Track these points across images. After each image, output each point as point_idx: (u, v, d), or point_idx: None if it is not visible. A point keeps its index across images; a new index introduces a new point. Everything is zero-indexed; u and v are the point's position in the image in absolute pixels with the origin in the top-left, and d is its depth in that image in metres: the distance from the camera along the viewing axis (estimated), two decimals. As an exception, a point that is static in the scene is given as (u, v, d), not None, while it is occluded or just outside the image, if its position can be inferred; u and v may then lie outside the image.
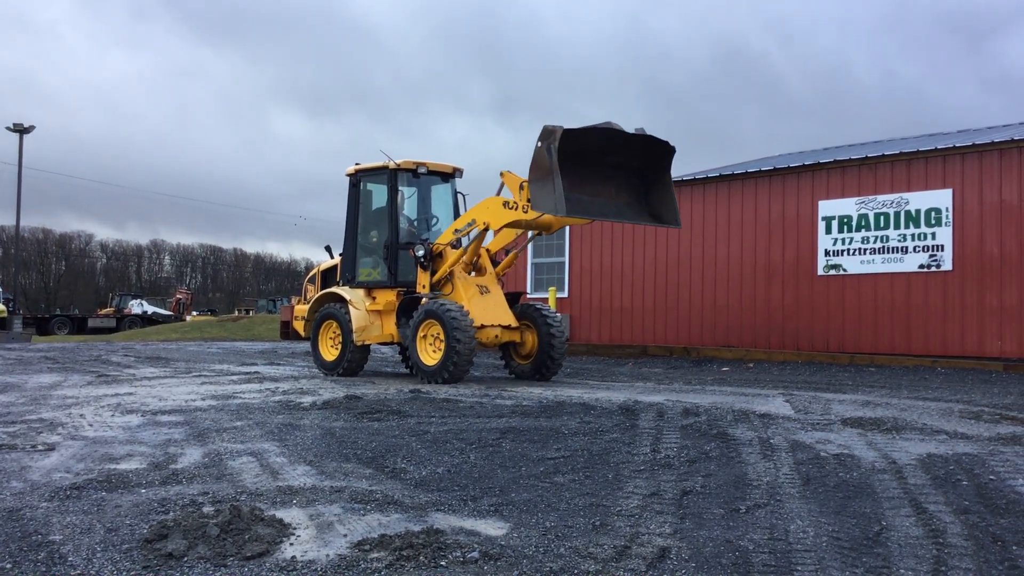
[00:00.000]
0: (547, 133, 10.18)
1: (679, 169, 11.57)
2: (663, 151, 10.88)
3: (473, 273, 12.46)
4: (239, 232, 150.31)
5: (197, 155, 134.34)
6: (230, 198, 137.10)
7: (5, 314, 38.44)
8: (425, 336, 11.65)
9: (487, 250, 12.65)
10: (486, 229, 11.73)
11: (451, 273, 12.12)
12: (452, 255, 12.16)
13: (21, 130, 40.81)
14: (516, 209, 11.06)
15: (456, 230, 12.14)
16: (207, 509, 4.48)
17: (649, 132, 10.75)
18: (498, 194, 11.60)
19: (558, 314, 12.59)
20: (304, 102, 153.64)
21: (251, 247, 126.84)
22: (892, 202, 15.52)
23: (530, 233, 12.61)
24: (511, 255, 12.76)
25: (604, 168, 10.82)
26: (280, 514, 4.41)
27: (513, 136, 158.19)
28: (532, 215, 10.87)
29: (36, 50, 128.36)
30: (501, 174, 11.44)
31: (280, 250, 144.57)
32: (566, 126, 10.14)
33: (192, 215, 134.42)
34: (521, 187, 10.93)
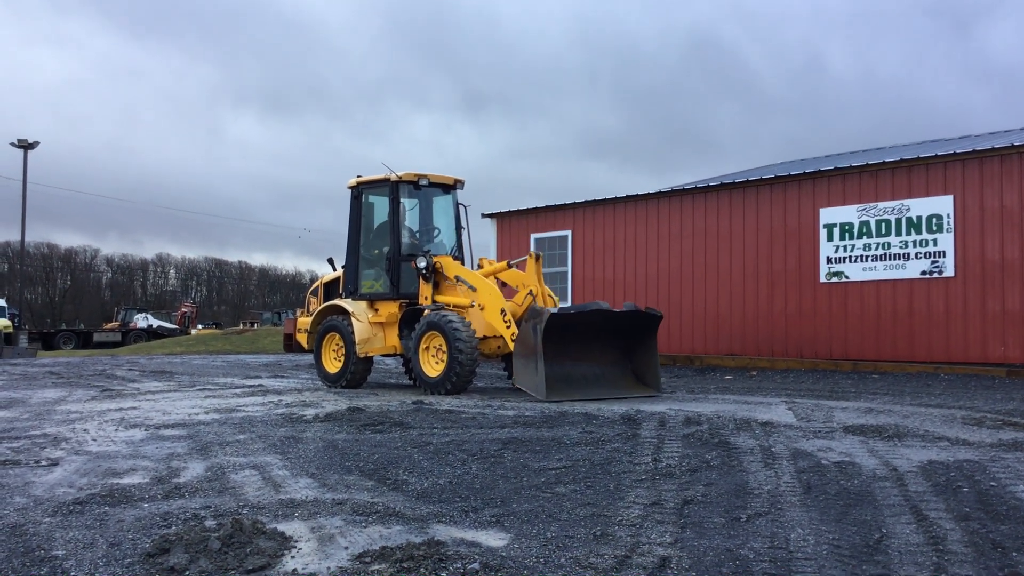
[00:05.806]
0: (535, 313, 10.52)
1: (664, 177, 11.91)
2: (650, 319, 11.06)
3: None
4: (223, 243, 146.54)
5: (151, 159, 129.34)
6: (200, 206, 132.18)
7: (10, 329, 38.58)
8: (428, 347, 11.67)
9: (488, 261, 12.70)
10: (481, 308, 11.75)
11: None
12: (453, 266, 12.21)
13: (25, 146, 41.00)
14: (508, 328, 11.19)
15: (458, 277, 12.15)
16: (209, 523, 4.50)
17: (638, 307, 11.15)
18: (532, 257, 11.71)
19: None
20: (256, 104, 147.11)
21: (234, 257, 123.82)
22: (893, 209, 15.54)
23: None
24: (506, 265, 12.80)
25: (589, 338, 11.11)
26: (282, 527, 4.43)
27: (484, 133, 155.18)
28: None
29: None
30: (530, 255, 11.73)
31: (267, 260, 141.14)
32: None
33: (172, 225, 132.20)
34: (531, 293, 11.42)
